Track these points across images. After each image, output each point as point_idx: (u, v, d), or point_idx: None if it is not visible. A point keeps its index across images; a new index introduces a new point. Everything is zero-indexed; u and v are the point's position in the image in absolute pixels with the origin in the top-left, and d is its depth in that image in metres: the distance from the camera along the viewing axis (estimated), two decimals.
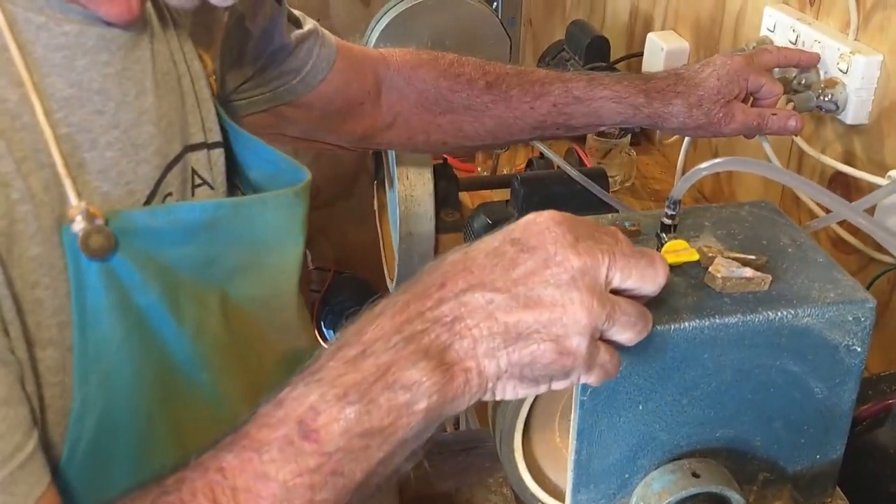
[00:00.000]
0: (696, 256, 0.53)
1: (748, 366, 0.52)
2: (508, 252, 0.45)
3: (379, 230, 1.40)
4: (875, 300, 0.52)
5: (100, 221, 0.49)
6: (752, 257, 0.53)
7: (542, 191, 0.99)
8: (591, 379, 0.46)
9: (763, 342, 0.51)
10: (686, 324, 0.50)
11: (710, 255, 0.53)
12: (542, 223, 0.46)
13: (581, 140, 1.29)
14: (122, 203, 0.53)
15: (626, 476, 0.55)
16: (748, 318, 0.51)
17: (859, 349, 0.53)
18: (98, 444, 0.49)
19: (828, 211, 0.89)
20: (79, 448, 0.49)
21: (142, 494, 0.43)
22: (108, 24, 0.52)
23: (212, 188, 0.61)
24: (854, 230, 0.88)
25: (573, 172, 0.98)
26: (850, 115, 0.86)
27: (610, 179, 1.12)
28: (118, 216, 0.50)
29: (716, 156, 1.14)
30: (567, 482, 0.55)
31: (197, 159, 0.60)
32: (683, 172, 1.08)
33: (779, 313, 0.51)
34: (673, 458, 0.55)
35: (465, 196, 1.21)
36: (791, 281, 0.53)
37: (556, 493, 0.61)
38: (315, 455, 0.42)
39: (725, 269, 0.51)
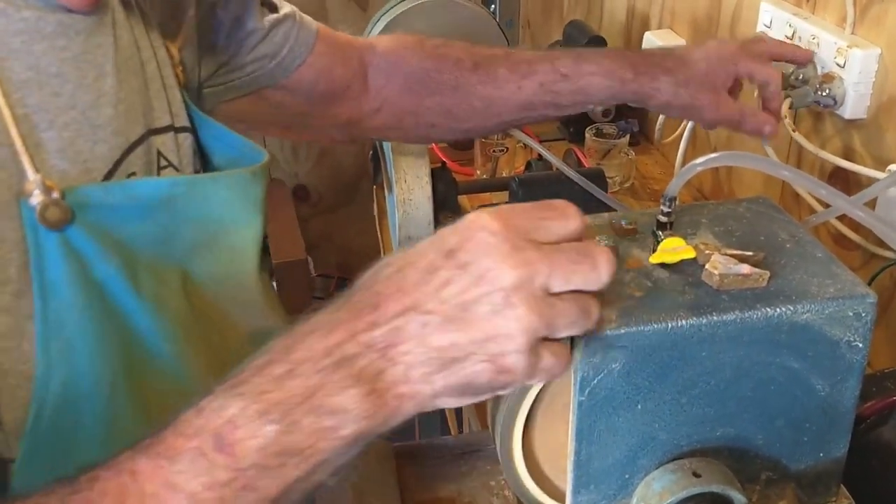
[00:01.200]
0: (692, 254, 0.53)
1: (747, 363, 0.51)
2: (442, 268, 0.44)
3: (379, 235, 1.40)
4: (876, 295, 0.52)
5: (56, 195, 0.50)
6: (750, 254, 0.53)
7: (540, 192, 0.99)
8: (535, 381, 0.46)
9: (762, 339, 0.51)
10: (683, 322, 0.49)
11: (707, 252, 0.53)
12: (477, 231, 0.44)
13: (580, 141, 1.29)
14: (80, 180, 0.54)
15: (627, 476, 0.54)
16: (746, 314, 0.50)
17: (861, 345, 0.52)
18: (63, 408, 0.51)
19: (828, 206, 0.88)
20: (44, 413, 0.51)
21: (50, 492, 0.43)
22: (69, 10, 0.53)
23: (177, 170, 0.62)
24: (855, 226, 0.87)
25: (571, 173, 0.97)
26: (849, 110, 0.86)
27: (609, 180, 1.12)
28: (74, 191, 0.52)
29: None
30: (567, 483, 0.55)
31: (163, 142, 0.61)
32: None
33: (777, 310, 0.50)
34: (673, 458, 0.54)
35: (463, 199, 1.21)
36: (790, 277, 0.53)
37: (556, 495, 0.60)
38: (227, 469, 0.42)
39: (722, 266, 0.51)
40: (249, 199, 0.62)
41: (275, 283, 1.87)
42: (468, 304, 0.43)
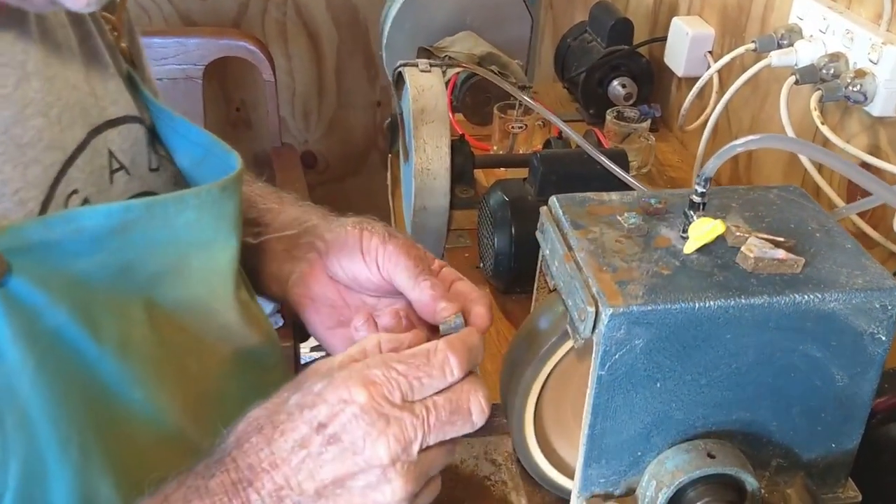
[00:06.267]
0: (722, 228, 0.52)
1: (770, 349, 0.51)
2: (315, 443, 0.44)
3: (391, 205, 1.39)
4: None
5: None
6: (782, 239, 0.52)
7: (560, 170, 0.98)
8: None
9: (787, 325, 0.50)
10: (711, 302, 0.49)
11: (740, 234, 0.52)
12: (347, 405, 0.44)
13: (599, 123, 1.28)
14: (13, 216, 0.45)
15: (639, 454, 0.54)
16: (774, 299, 0.50)
17: (884, 338, 0.52)
18: (29, 490, 0.44)
19: (848, 201, 0.88)
20: (5, 500, 0.45)
21: None
22: None
23: (129, 174, 0.55)
24: (876, 223, 0.87)
25: (593, 152, 0.96)
26: (878, 107, 0.85)
27: None
28: (6, 233, 0.43)
29: None
30: (578, 457, 0.55)
31: (115, 138, 0.54)
32: (704, 161, 1.07)
33: (805, 297, 0.50)
34: (686, 439, 0.54)
35: (479, 174, 1.20)
36: (819, 265, 0.52)
37: (565, 469, 0.60)
38: None
39: (758, 250, 0.50)
40: (221, 216, 0.54)
41: None
42: (343, 481, 0.43)
